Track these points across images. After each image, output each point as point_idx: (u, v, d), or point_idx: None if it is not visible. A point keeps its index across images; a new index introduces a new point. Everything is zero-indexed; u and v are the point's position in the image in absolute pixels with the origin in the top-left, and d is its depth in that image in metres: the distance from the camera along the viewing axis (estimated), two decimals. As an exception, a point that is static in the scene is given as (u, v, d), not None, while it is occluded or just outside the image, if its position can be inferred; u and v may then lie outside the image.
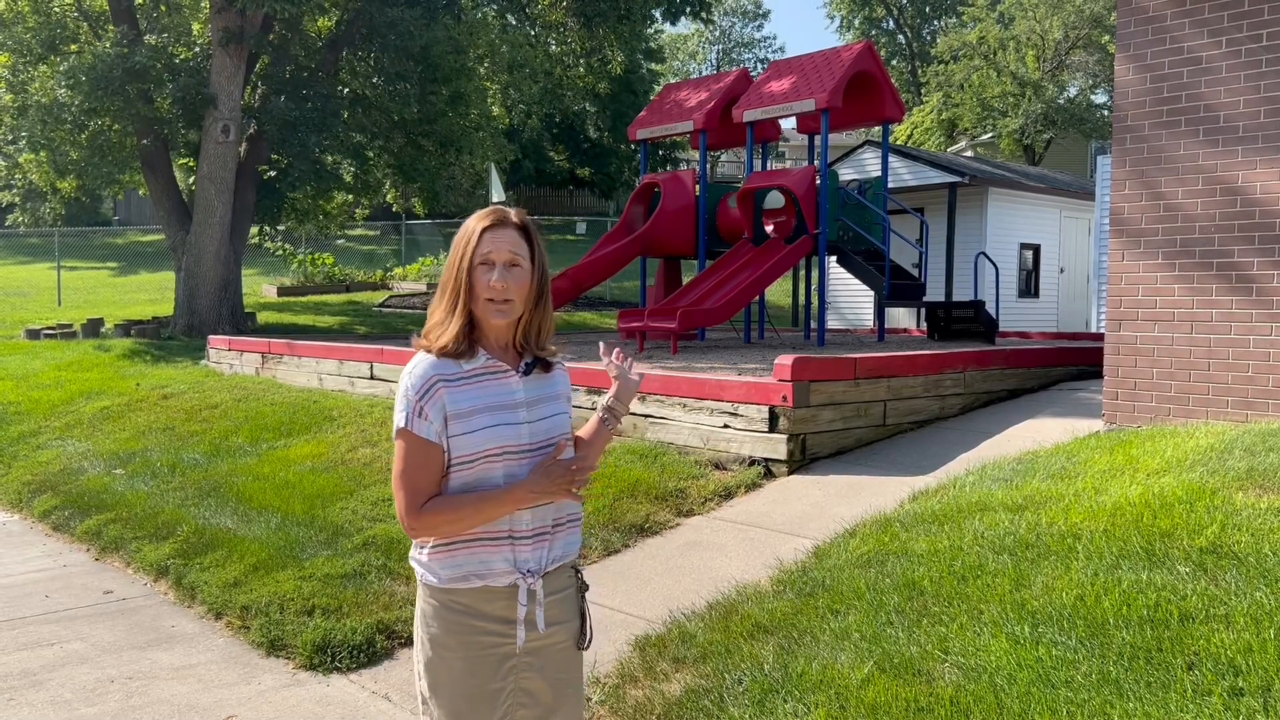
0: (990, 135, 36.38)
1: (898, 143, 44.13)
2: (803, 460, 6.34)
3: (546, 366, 2.26)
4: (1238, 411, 5.96)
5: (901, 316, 17.19)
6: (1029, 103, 34.31)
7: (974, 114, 38.00)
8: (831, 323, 19.11)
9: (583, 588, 2.31)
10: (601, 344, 2.56)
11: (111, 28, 15.63)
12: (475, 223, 2.16)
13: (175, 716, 4.04)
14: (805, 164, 13.33)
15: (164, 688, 4.34)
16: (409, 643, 4.72)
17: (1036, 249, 17.68)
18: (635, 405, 6.67)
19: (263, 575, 5.43)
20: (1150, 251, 6.37)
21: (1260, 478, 4.30)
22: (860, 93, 11.96)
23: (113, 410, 10.34)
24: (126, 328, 16.51)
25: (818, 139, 12.62)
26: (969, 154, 32.74)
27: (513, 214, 2.19)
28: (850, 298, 18.29)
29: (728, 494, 6.01)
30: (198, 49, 16.77)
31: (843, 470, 6.23)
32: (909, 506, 5.07)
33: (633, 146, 13.11)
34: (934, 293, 16.64)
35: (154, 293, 24.80)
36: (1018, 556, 4.02)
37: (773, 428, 6.32)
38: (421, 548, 2.18)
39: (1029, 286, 17.69)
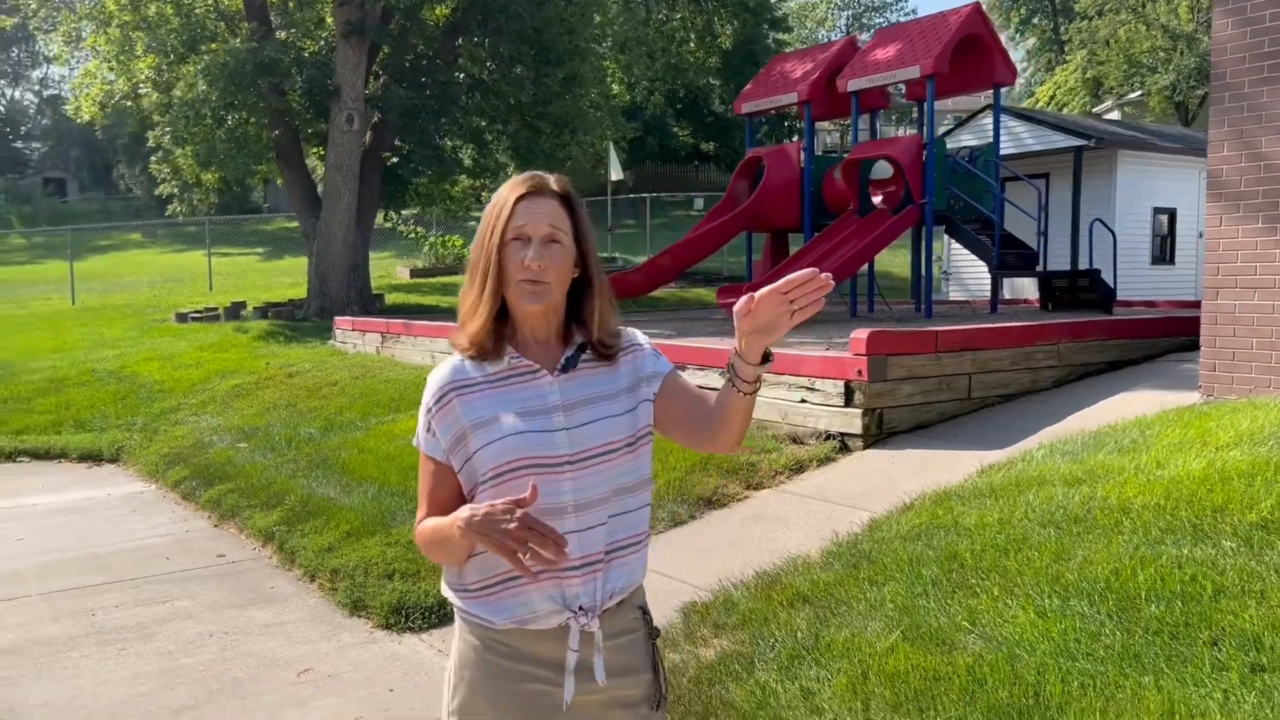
0: (1138, 93, 34.63)
1: (1039, 105, 42.45)
2: (879, 434, 6.33)
3: (608, 358, 1.89)
4: (1342, 382, 5.66)
5: (1026, 287, 16.68)
6: (1181, 57, 32.45)
7: (1120, 71, 36.22)
8: (954, 294, 18.70)
9: (653, 634, 1.92)
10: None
11: (245, 25, 16.49)
12: (508, 191, 1.83)
13: (258, 668, 4.40)
14: (940, 130, 13.03)
15: (254, 642, 4.71)
16: (479, 606, 4.99)
17: (1172, 213, 16.84)
18: (706, 379, 6.74)
19: (354, 541, 5.79)
20: (1250, 215, 6.07)
21: (1332, 451, 4.12)
22: (969, 57, 11.66)
23: (243, 388, 11.04)
24: (264, 310, 17.48)
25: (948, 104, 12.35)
26: (1114, 114, 31.21)
27: (552, 180, 1.85)
28: (973, 269, 17.83)
29: (799, 468, 6.06)
30: (323, 42, 17.52)
31: (919, 445, 6.19)
32: (972, 481, 5.04)
33: (754, 119, 13.09)
34: (1059, 262, 16.09)
35: (296, 276, 26.08)
36: (1063, 530, 3.98)
37: (848, 402, 6.33)
38: (464, 591, 1.85)
39: (1164, 253, 16.88)
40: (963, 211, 11.78)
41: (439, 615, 4.85)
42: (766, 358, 1.73)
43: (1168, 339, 8.13)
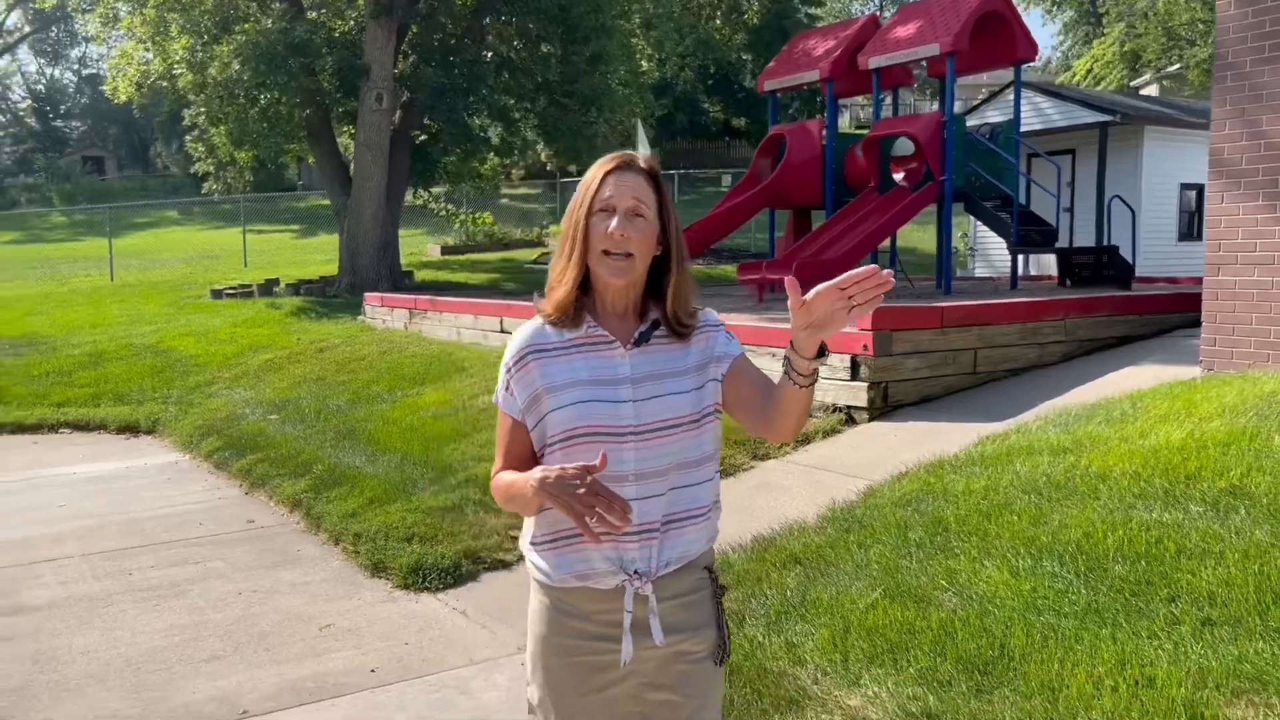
0: (1177, 67, 34.14)
1: (1076, 78, 41.93)
2: (884, 407, 6.50)
3: (682, 336, 1.95)
4: (1339, 357, 5.76)
5: (1051, 263, 16.67)
6: (1219, 29, 31.90)
7: (1159, 44, 35.75)
8: (980, 270, 18.71)
9: (718, 592, 2.00)
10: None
11: (276, 4, 16.77)
12: (598, 167, 1.92)
13: (283, 623, 4.68)
14: (970, 105, 13.09)
15: (280, 600, 5.00)
16: (492, 567, 5.26)
17: (1200, 189, 16.72)
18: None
19: (376, 507, 6.06)
20: (1250, 193, 6.17)
21: (1308, 422, 4.26)
22: (990, 33, 11.67)
23: (275, 362, 11.37)
24: (297, 287, 17.84)
25: (976, 80, 12.38)
26: (1153, 88, 30.81)
27: (640, 158, 1.93)
28: (998, 245, 17.78)
29: (805, 439, 6.25)
30: (353, 22, 17.77)
31: (923, 417, 6.37)
32: (967, 451, 5.21)
33: (778, 96, 13.15)
34: (1086, 238, 16.07)
35: (329, 253, 26.45)
36: (1044, 496, 4.16)
37: (854, 376, 6.51)
38: (531, 544, 1.99)
39: (1191, 229, 16.80)
40: (982, 189, 11.83)
41: (454, 576, 5.11)
42: (822, 351, 1.77)
43: (1178, 315, 8.21)
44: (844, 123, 36.12)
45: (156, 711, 3.75)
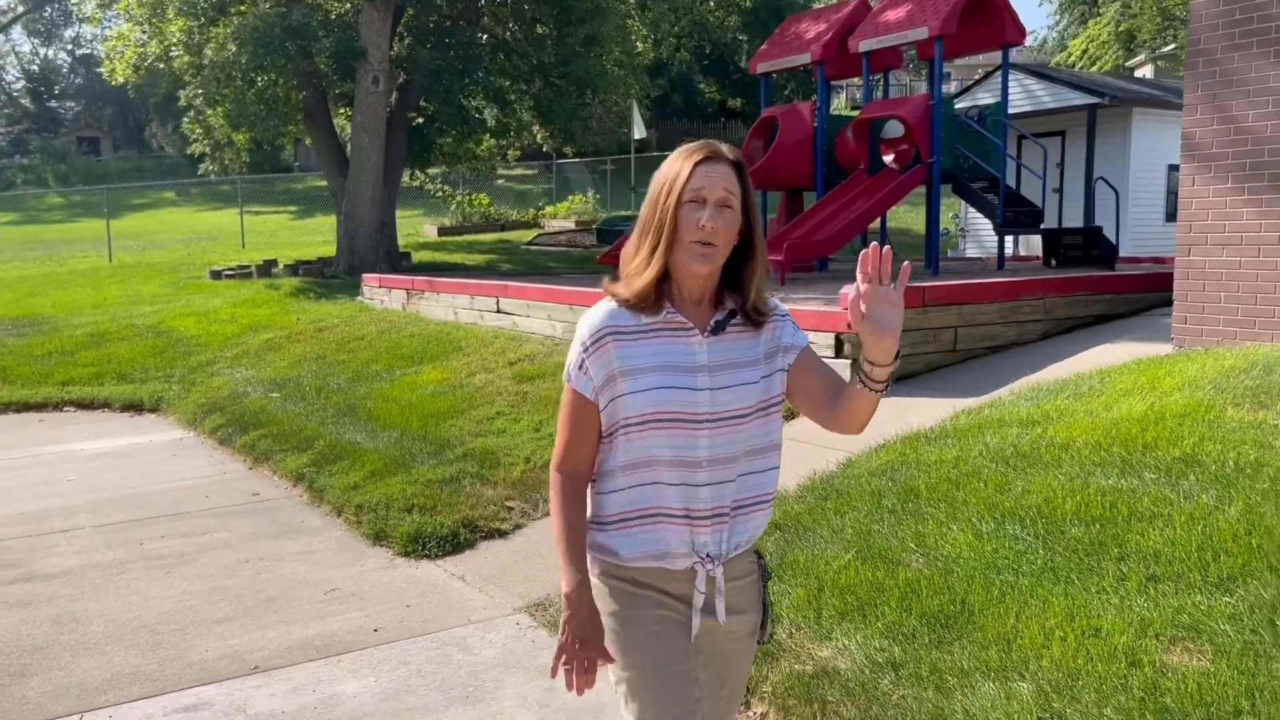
0: (1172, 47, 34.22)
1: (1071, 58, 41.99)
2: (867, 383, 6.71)
3: (755, 325, 1.98)
4: (1302, 334, 5.99)
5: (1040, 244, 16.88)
6: (1215, 9, 32.00)
7: (1154, 24, 35.83)
8: (972, 251, 18.92)
9: (765, 575, 2.10)
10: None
11: (273, -12, 16.86)
12: (684, 158, 1.92)
13: (289, 588, 4.91)
14: (966, 87, 13.27)
15: (286, 567, 5.23)
16: (489, 535, 5.49)
17: (1188, 170, 16.94)
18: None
19: (377, 480, 6.30)
20: (1220, 175, 6.38)
21: (1260, 395, 4.49)
22: (978, 17, 11.85)
23: (275, 342, 11.58)
24: (295, 268, 18.03)
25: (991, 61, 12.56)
26: (1148, 69, 30.94)
27: (726, 149, 1.93)
28: (989, 226, 18.02)
29: (791, 415, 6.48)
30: (349, 5, 17.87)
31: (903, 393, 6.59)
32: (943, 424, 5.44)
33: (773, 78, 13.33)
34: (1075, 219, 16.29)
35: (327, 234, 26.61)
36: (1010, 465, 4.39)
37: (838, 353, 6.73)
38: (594, 523, 2.01)
39: (1178, 210, 17.00)
40: (970, 171, 12.04)
41: (453, 544, 5.35)
42: (896, 355, 1.81)
43: (1155, 294, 8.44)
44: (840, 104, 36.18)
45: (173, 667, 3.99)
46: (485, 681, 3.77)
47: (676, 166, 1.91)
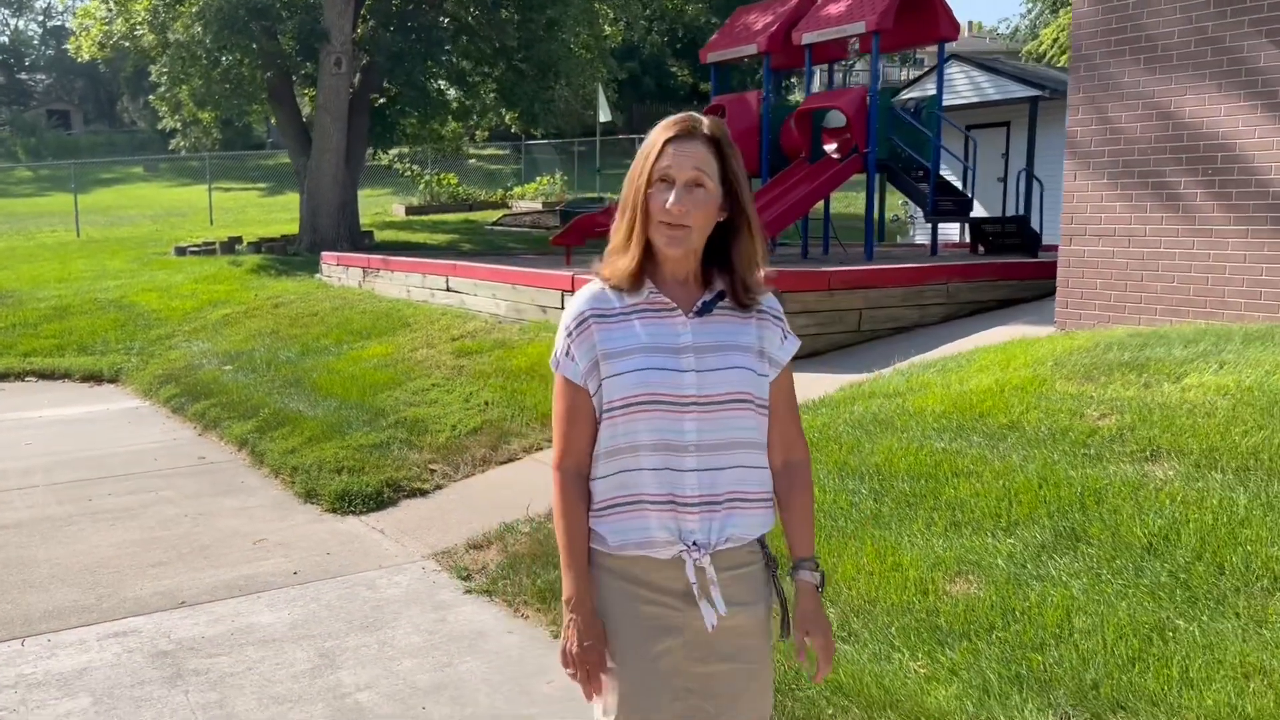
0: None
1: (1043, 47, 42.56)
2: (774, 360, 7.23)
3: (745, 308, 1.91)
4: (1164, 318, 6.56)
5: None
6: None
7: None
8: (920, 238, 19.48)
9: (770, 563, 1.98)
10: None
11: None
12: (659, 133, 1.85)
13: (223, 538, 5.39)
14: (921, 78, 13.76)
15: (222, 521, 5.71)
16: (411, 494, 5.98)
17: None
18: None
19: (314, 445, 6.77)
20: (1098, 172, 6.92)
21: (1091, 371, 5.03)
22: (915, 13, 12.32)
23: (232, 317, 12.00)
24: (259, 245, 18.38)
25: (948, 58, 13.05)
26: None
27: (705, 124, 1.85)
28: (937, 214, 18.59)
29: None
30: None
31: (807, 369, 7.11)
32: (828, 395, 5.97)
33: (727, 67, 13.79)
34: (1016, 209, 16.85)
35: (294, 212, 26.76)
36: (866, 431, 4.92)
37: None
38: (592, 513, 1.92)
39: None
40: (905, 161, 12.56)
41: (377, 502, 5.84)
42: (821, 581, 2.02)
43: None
44: (800, 95, 36.54)
45: (108, 602, 4.47)
46: (385, 614, 4.27)
47: (650, 142, 1.86)
